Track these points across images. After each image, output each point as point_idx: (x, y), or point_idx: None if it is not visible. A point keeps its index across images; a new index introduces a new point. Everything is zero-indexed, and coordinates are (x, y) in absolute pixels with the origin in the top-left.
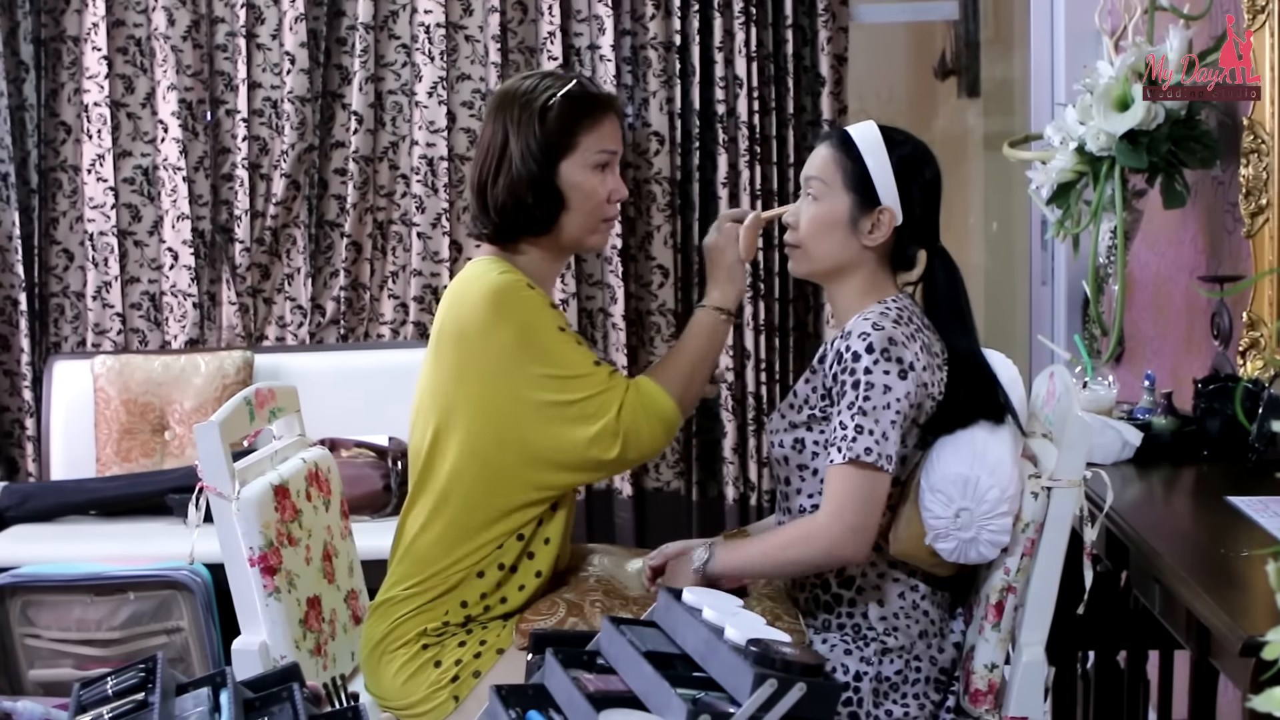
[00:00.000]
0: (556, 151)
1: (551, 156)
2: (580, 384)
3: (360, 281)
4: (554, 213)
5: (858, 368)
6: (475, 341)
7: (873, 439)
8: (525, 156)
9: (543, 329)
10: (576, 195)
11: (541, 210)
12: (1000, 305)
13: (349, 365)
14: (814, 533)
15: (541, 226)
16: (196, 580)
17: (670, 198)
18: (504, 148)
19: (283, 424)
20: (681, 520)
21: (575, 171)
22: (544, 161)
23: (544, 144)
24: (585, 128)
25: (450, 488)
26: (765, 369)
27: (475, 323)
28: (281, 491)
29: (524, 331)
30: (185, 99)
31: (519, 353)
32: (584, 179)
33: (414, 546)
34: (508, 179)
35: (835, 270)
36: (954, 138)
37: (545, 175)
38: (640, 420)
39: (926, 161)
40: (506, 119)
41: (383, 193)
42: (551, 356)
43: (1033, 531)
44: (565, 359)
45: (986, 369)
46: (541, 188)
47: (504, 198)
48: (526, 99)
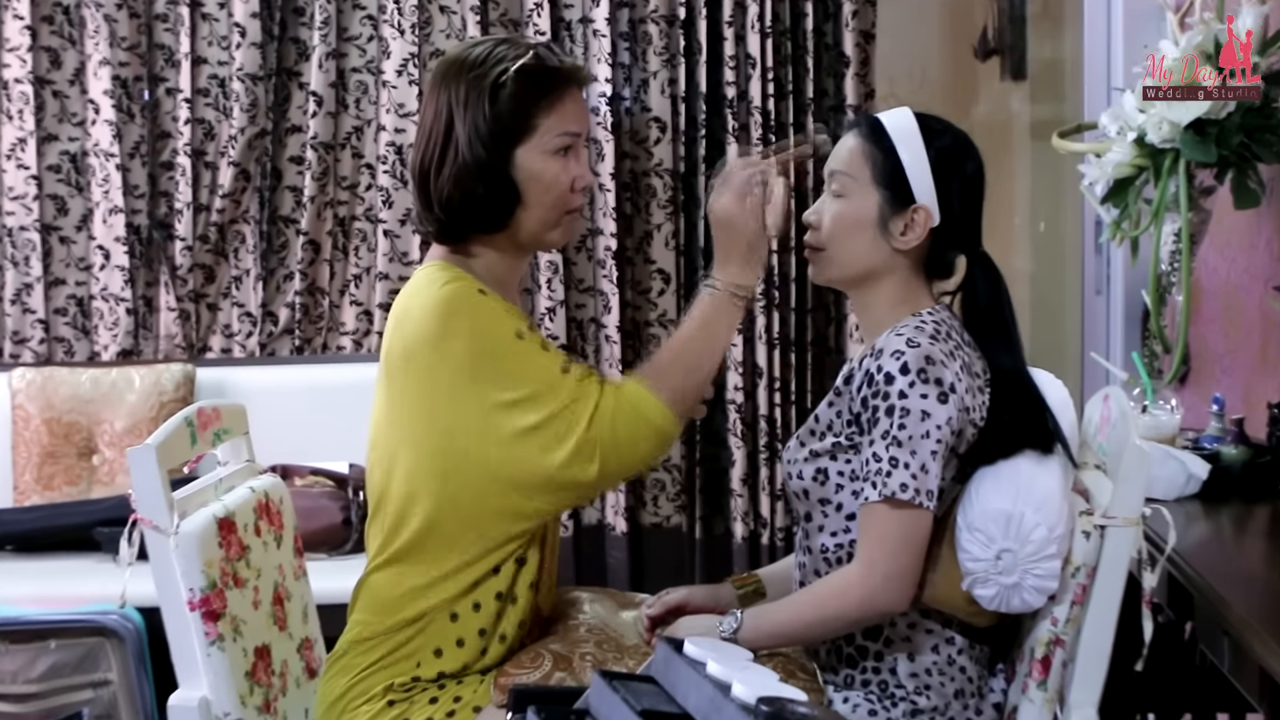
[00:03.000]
0: (510, 136)
1: (505, 141)
2: (544, 401)
3: (318, 285)
4: (509, 207)
5: (891, 391)
6: (424, 362)
7: (909, 473)
8: (473, 141)
9: (497, 338)
10: (534, 186)
11: (494, 204)
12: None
13: (305, 381)
14: (848, 584)
15: (495, 223)
16: (128, 626)
17: (672, 193)
18: (448, 131)
19: (228, 448)
20: (684, 561)
21: (533, 158)
22: (496, 147)
23: (495, 127)
24: (544, 107)
25: (414, 524)
26: (780, 389)
27: (423, 341)
28: (226, 525)
29: (477, 344)
30: (120, 76)
31: (473, 370)
32: (543, 167)
33: (377, 591)
34: (454, 168)
35: (862, 277)
36: (996, 126)
37: (497, 163)
38: (620, 428)
39: (968, 154)
40: (451, 96)
41: (345, 184)
42: (509, 373)
43: (1084, 576)
44: (524, 373)
45: (1033, 391)
46: (493, 178)
47: (449, 190)
48: (475, 73)
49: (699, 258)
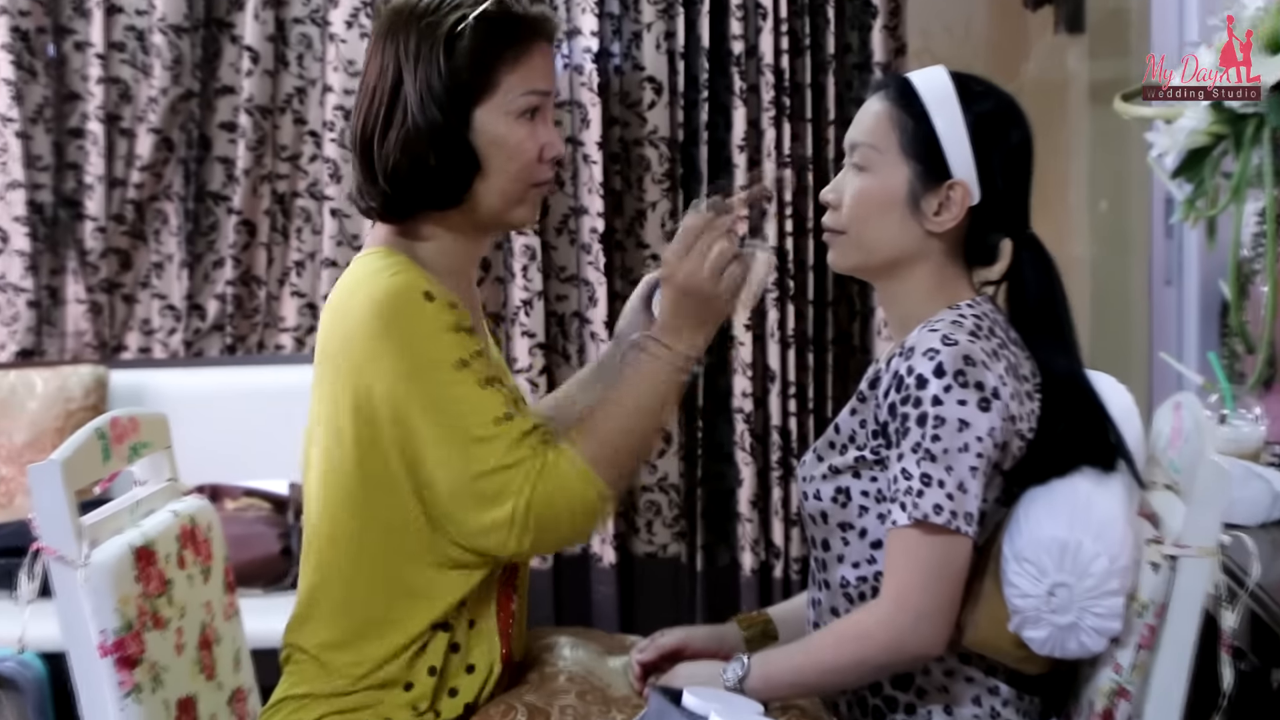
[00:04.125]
0: (468, 94)
1: (462, 101)
2: (477, 454)
3: (253, 274)
4: (466, 178)
5: (924, 397)
6: (355, 372)
7: (945, 492)
8: (425, 101)
9: (435, 362)
10: (496, 153)
11: (449, 175)
12: (1110, 312)
13: (238, 386)
14: (874, 624)
15: (449, 197)
16: (27, 675)
17: (670, 165)
18: (396, 88)
19: (147, 464)
20: (682, 597)
21: (494, 121)
22: (451, 108)
23: (451, 84)
24: (508, 61)
25: (345, 560)
26: (795, 395)
27: (356, 346)
28: (145, 556)
29: (409, 363)
30: (19, 27)
31: (405, 394)
32: (507, 130)
33: (311, 639)
34: (401, 132)
35: (890, 264)
36: (1049, 87)
37: (453, 126)
38: (559, 505)
39: (1013, 120)
40: (400, 49)
41: (285, 155)
42: (442, 410)
43: (1152, 616)
44: (460, 413)
45: (1092, 398)
46: (448, 144)
47: (396, 158)
48: (427, 21)
49: None
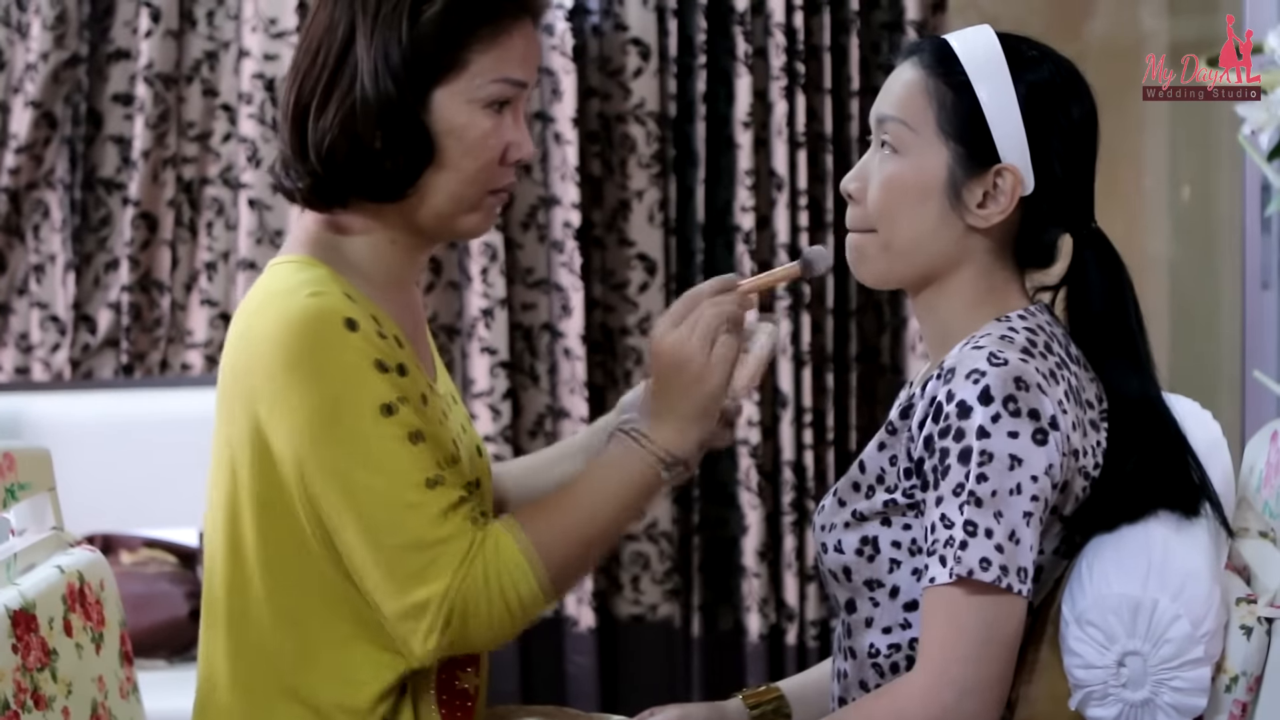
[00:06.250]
0: (430, 70)
1: (422, 77)
2: (399, 521)
3: (155, 278)
4: (413, 168)
5: (967, 428)
6: (251, 414)
7: (994, 543)
8: (379, 72)
9: (354, 407)
10: (453, 144)
11: (393, 161)
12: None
13: (136, 414)
14: (909, 700)
15: (390, 189)
16: None
17: (659, 146)
18: (345, 50)
19: (25, 510)
20: (676, 667)
21: (455, 105)
22: (409, 83)
23: (412, 55)
24: (483, 39)
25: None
26: (812, 424)
27: (257, 382)
28: (23, 620)
29: (323, 410)
30: None
31: (312, 445)
32: (469, 120)
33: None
34: (345, 105)
35: (926, 271)
36: (1120, 52)
37: (408, 104)
38: (490, 601)
39: (1074, 92)
40: (357, 5)
41: (192, 134)
42: (357, 467)
43: (1244, 690)
44: (381, 471)
45: (1171, 427)
46: (399, 125)
47: (335, 136)
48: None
49: (696, 239)
